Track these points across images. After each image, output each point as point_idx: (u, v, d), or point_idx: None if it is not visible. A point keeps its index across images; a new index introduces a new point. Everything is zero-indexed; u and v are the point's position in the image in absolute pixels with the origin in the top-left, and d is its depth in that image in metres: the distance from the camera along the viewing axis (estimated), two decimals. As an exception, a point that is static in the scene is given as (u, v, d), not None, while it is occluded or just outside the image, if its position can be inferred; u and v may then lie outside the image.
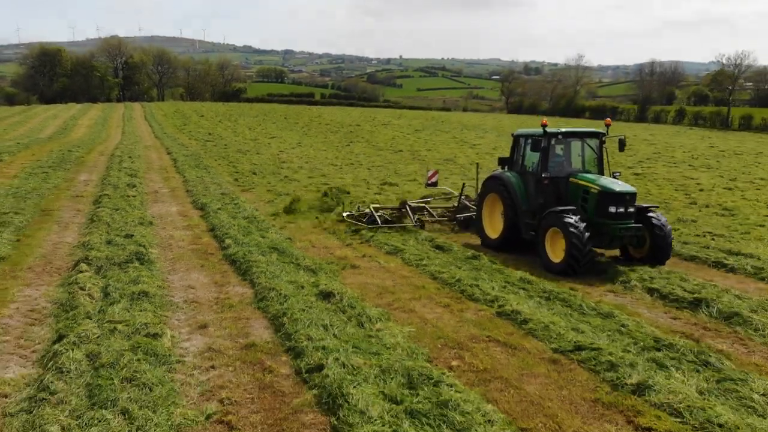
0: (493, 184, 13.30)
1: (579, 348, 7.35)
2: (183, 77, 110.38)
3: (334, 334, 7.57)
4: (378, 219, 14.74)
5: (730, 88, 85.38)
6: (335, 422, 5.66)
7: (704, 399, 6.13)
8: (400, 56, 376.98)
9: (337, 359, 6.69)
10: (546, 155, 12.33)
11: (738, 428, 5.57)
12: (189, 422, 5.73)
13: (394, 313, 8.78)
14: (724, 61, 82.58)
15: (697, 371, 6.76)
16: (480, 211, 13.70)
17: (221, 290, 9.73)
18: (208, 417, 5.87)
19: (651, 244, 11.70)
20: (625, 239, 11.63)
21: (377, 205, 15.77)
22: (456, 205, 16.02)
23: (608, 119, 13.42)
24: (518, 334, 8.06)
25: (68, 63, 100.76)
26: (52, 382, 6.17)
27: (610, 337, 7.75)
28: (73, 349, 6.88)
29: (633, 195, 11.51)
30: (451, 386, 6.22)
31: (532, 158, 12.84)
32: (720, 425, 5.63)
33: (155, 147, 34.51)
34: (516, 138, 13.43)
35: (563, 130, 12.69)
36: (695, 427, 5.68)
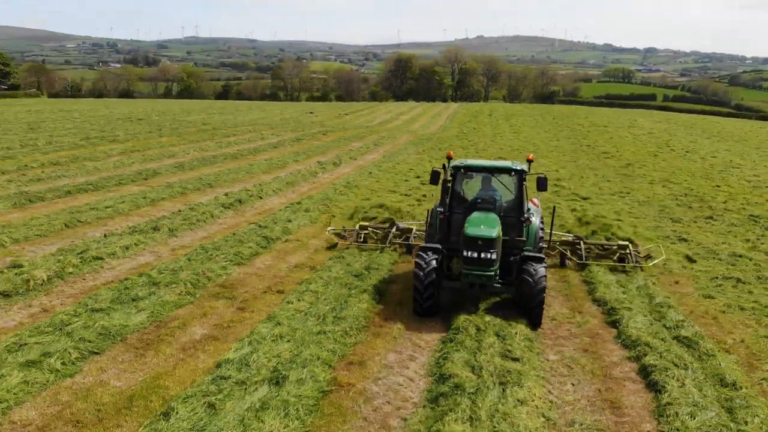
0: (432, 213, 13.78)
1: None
2: (505, 81, 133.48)
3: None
4: (359, 237, 16.64)
5: None
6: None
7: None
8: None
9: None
10: (446, 189, 12.44)
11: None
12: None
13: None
14: None
15: None
16: None
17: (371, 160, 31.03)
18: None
19: (518, 301, 11.51)
20: (489, 287, 11.52)
21: (366, 223, 17.49)
22: None
23: (530, 155, 13.08)
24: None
25: (416, 68, 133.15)
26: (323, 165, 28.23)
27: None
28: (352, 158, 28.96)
29: (488, 240, 11.10)
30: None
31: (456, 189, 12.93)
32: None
33: (417, 134, 57.06)
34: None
35: (467, 163, 12.77)
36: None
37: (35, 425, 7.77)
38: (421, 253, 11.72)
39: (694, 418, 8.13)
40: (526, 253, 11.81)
